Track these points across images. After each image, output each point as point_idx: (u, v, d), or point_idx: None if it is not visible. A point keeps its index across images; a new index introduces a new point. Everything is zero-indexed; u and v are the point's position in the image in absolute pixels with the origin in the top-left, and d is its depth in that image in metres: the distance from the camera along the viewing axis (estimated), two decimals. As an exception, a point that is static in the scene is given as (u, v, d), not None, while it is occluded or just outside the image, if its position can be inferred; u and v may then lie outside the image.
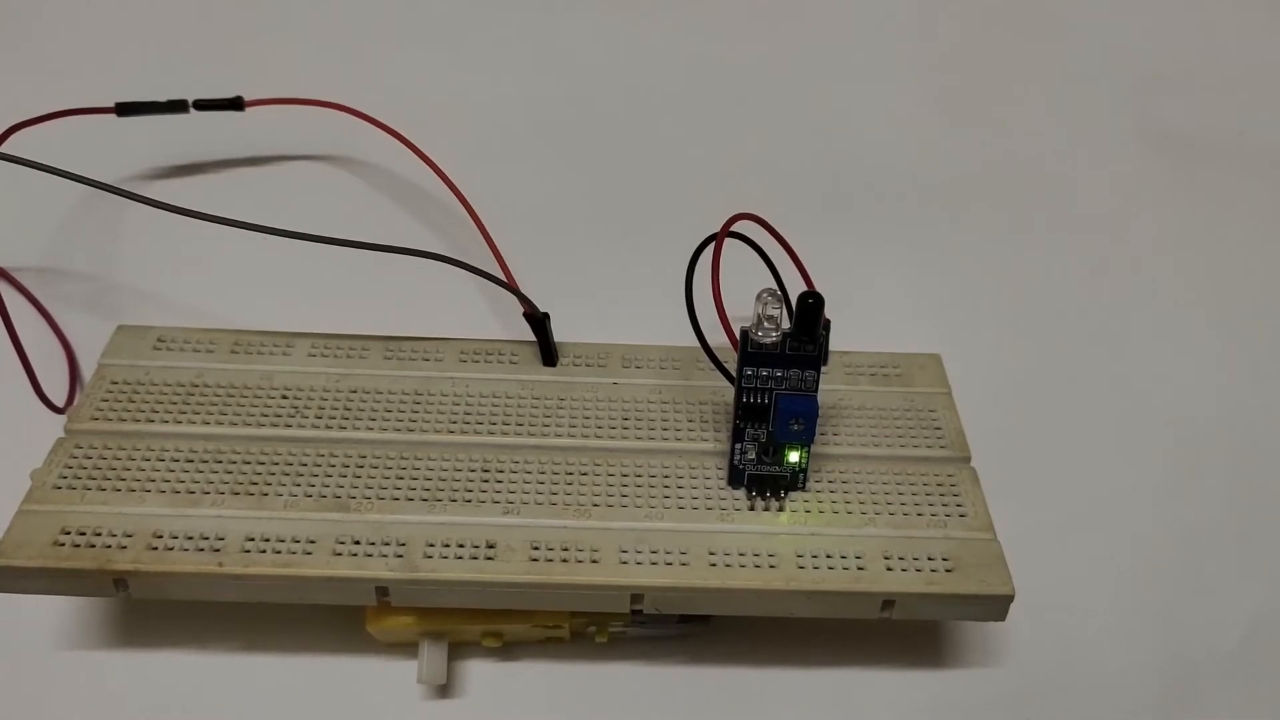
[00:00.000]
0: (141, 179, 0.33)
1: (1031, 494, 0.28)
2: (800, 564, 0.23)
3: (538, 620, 0.24)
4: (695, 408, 0.26)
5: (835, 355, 0.27)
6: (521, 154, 0.35)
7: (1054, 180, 0.35)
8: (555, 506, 0.23)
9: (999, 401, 0.29)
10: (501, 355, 0.27)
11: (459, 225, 0.30)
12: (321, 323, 0.27)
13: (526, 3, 0.39)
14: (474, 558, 0.22)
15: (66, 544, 0.22)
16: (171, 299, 0.31)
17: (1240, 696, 0.25)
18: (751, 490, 0.24)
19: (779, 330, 0.22)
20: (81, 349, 0.29)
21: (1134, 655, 0.26)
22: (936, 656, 0.25)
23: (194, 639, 0.25)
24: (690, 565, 0.22)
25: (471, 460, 0.24)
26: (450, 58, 0.37)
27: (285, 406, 0.25)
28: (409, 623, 0.24)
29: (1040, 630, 0.26)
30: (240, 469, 0.24)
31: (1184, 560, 0.27)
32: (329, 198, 0.33)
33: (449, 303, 0.30)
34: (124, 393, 0.25)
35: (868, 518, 0.24)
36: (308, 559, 0.22)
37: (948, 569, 0.23)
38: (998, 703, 0.25)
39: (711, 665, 0.25)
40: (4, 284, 0.30)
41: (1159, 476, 0.29)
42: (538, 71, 0.37)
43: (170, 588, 0.22)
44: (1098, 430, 0.29)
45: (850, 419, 0.26)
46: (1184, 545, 0.27)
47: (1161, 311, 0.32)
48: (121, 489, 0.23)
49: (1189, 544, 0.27)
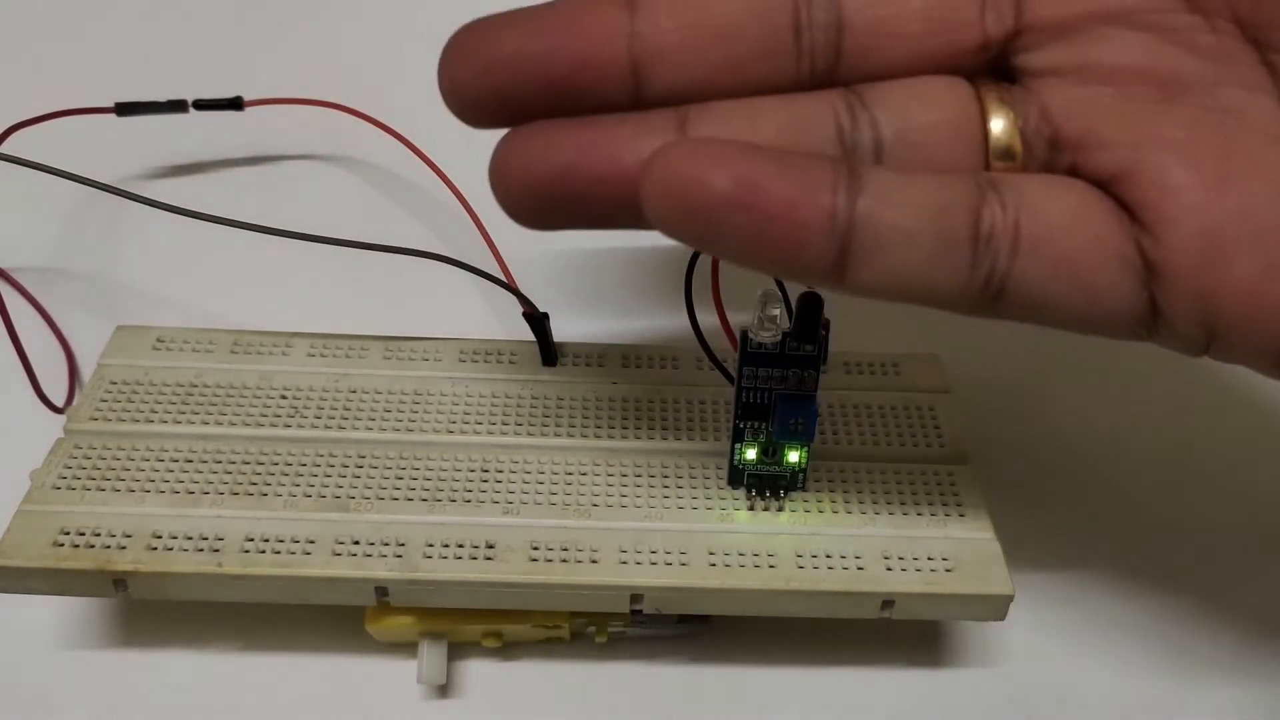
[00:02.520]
0: (141, 179, 0.33)
1: (1031, 494, 0.28)
2: (800, 564, 0.23)
3: (538, 620, 0.24)
4: (695, 408, 0.26)
5: (835, 355, 0.27)
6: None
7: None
8: (555, 506, 0.23)
9: (999, 401, 0.29)
10: (501, 355, 0.27)
11: (459, 225, 0.30)
12: (321, 323, 0.27)
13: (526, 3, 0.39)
14: (473, 558, 0.22)
15: (66, 544, 0.22)
16: (171, 299, 0.31)
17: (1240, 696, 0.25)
18: (751, 490, 0.24)
19: (779, 330, 0.22)
20: (81, 349, 0.29)
21: (1134, 655, 0.25)
22: (936, 656, 0.25)
23: (194, 639, 0.25)
24: (690, 565, 0.23)
25: (471, 460, 0.24)
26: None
27: (285, 406, 0.25)
28: (408, 623, 0.24)
29: (1040, 630, 0.26)
30: (240, 469, 0.24)
31: (1184, 560, 0.27)
32: (329, 198, 0.33)
33: (449, 303, 0.30)
34: (123, 393, 0.25)
35: (867, 518, 0.24)
36: (307, 559, 0.22)
37: (947, 569, 0.23)
38: (998, 703, 0.25)
39: (711, 665, 0.25)
40: (4, 284, 0.30)
41: (1159, 476, 0.29)
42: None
43: (170, 588, 0.22)
44: (1098, 430, 0.29)
45: (850, 419, 0.26)
46: (1184, 545, 0.27)
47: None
48: (121, 489, 0.23)
49: (1189, 544, 0.27)
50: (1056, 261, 0.17)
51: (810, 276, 0.17)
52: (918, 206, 0.17)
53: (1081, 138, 0.18)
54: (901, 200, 0.17)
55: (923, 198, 0.17)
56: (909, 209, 0.17)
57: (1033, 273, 0.17)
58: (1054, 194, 0.18)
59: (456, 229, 0.31)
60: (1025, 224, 0.17)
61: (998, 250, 0.17)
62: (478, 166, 0.30)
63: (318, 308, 0.29)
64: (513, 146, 0.18)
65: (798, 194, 0.16)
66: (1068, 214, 0.18)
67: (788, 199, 0.16)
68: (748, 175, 0.16)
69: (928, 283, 0.17)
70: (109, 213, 0.32)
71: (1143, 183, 0.18)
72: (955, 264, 0.17)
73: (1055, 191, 0.18)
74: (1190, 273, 0.17)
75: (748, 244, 0.16)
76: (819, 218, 0.16)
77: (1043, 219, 0.17)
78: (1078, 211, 0.18)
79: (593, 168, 0.18)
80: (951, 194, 0.17)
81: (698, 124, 0.18)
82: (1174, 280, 0.17)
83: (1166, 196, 0.17)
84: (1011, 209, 0.17)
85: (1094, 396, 0.30)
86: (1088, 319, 0.18)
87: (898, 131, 0.18)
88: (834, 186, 0.16)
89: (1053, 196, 0.18)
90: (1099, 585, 0.27)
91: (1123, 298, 0.18)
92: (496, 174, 0.19)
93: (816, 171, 0.17)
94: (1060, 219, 0.18)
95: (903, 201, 0.17)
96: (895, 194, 0.17)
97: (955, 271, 0.17)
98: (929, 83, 0.19)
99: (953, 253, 0.17)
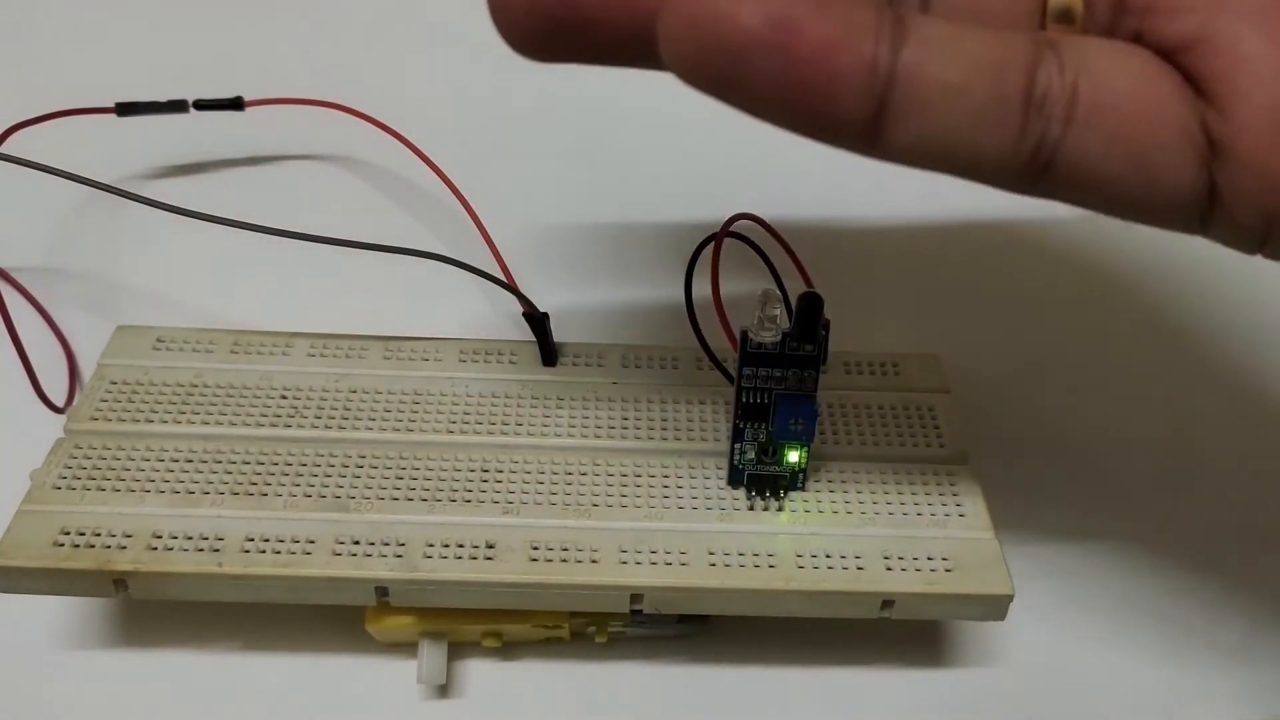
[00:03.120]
0: (141, 179, 0.33)
1: (1031, 494, 0.28)
2: (800, 564, 0.23)
3: (538, 620, 0.24)
4: (695, 408, 0.26)
5: (835, 355, 0.27)
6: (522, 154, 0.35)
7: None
8: (555, 506, 0.23)
9: (999, 401, 0.29)
10: (501, 355, 0.27)
11: (459, 225, 0.30)
12: (321, 323, 0.27)
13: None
14: (473, 558, 0.22)
15: (66, 544, 0.22)
16: (171, 299, 0.31)
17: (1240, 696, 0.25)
18: (751, 490, 0.24)
19: (779, 330, 0.22)
20: (81, 349, 0.29)
21: (1134, 655, 0.25)
22: (936, 656, 0.25)
23: (194, 639, 0.25)
24: (690, 565, 0.23)
25: (471, 460, 0.24)
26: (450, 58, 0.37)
27: (285, 406, 0.25)
28: (409, 623, 0.24)
29: (1040, 630, 0.26)
30: (240, 469, 0.24)
31: (1184, 559, 0.27)
32: (329, 198, 0.33)
33: (449, 303, 0.30)
34: (123, 393, 0.25)
35: (867, 517, 0.24)
36: (307, 559, 0.22)
37: (947, 569, 0.23)
38: (998, 703, 0.25)
39: (711, 665, 0.25)
40: (4, 284, 0.30)
41: (1158, 475, 0.29)
42: (538, 71, 0.37)
43: (170, 588, 0.22)
44: (1098, 429, 0.29)
45: (850, 419, 0.26)
46: (1184, 544, 0.27)
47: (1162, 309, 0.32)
48: (121, 489, 0.23)
49: (1189, 542, 0.27)
50: (1113, 132, 0.16)
51: (842, 134, 0.16)
52: (967, 61, 0.15)
53: (1150, 1, 0.17)
54: (950, 53, 0.15)
55: (973, 52, 0.16)
56: (958, 63, 0.15)
57: (1087, 143, 0.16)
58: (1116, 59, 0.16)
59: (456, 229, 0.31)
60: (1083, 89, 0.16)
61: (1051, 115, 0.16)
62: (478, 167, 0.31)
63: (318, 308, 0.29)
64: None
65: (837, 38, 0.15)
66: (1129, 81, 0.16)
67: (825, 42, 0.15)
68: (782, 11, 0.15)
69: (972, 147, 0.16)
70: (109, 213, 0.32)
71: (1213, 52, 0.16)
72: (1004, 127, 0.16)
73: (1117, 57, 0.16)
74: (1258, 153, 0.16)
75: (774, 92, 0.15)
76: (859, 66, 0.15)
77: (1102, 85, 0.16)
78: (1140, 80, 0.16)
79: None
80: (1005, 50, 0.16)
81: None
82: (1239, 160, 0.16)
83: (1238, 68, 0.16)
84: (1070, 71, 0.16)
85: (1094, 397, 0.30)
86: (1141, 200, 0.17)
87: None
88: (877, 32, 0.15)
89: (1114, 62, 0.16)
90: (1099, 585, 0.27)
91: (1182, 177, 0.16)
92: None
93: (859, 14, 0.15)
94: (1121, 86, 0.16)
95: (951, 54, 0.15)
96: (943, 46, 0.15)
97: (1003, 136, 0.16)
98: None
99: (1002, 114, 0.16)
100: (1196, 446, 0.29)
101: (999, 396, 0.29)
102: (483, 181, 0.30)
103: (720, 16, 0.15)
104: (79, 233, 0.32)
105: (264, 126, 0.33)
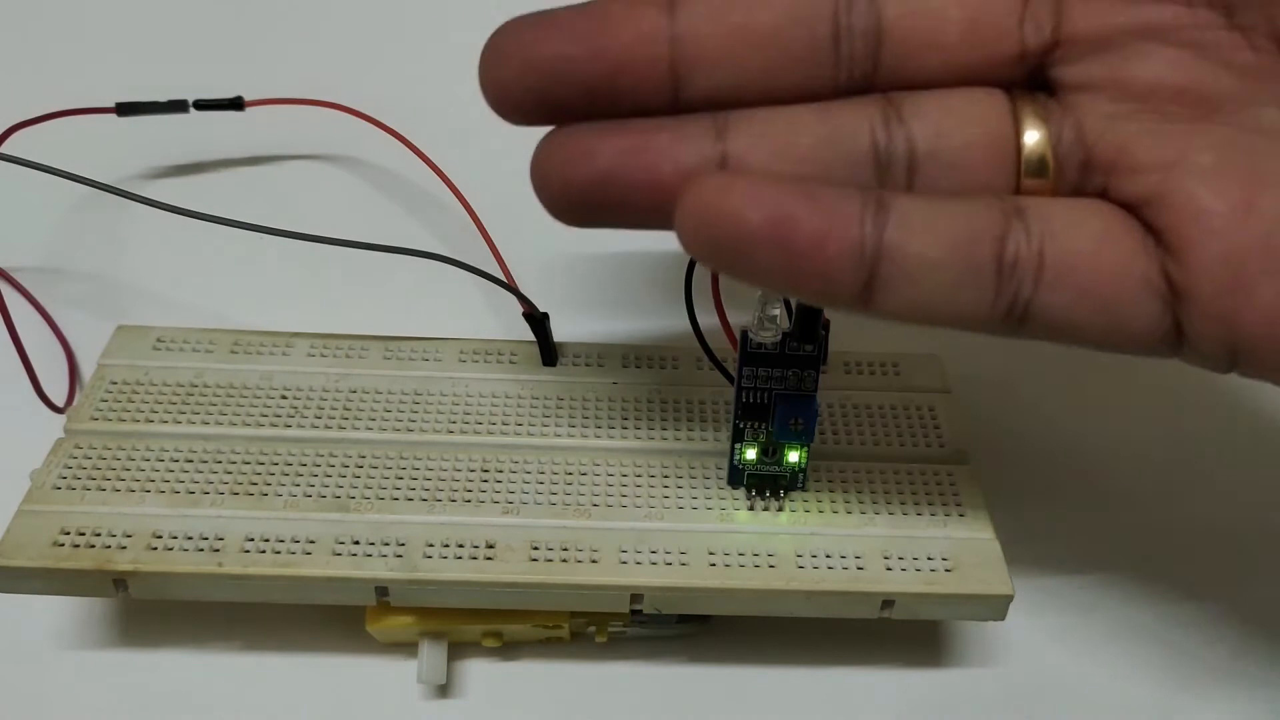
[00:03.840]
0: (141, 179, 0.33)
1: (1031, 494, 0.28)
2: (800, 564, 0.23)
3: (538, 620, 0.24)
4: (695, 408, 0.26)
5: (835, 355, 0.27)
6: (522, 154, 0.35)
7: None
8: (555, 506, 0.24)
9: (999, 402, 0.29)
10: (501, 355, 0.27)
11: (459, 225, 0.30)
12: (321, 323, 0.27)
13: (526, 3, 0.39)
14: (474, 558, 0.22)
15: (66, 544, 0.22)
16: (171, 299, 0.31)
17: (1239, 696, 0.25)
18: (751, 490, 0.24)
19: (779, 330, 0.22)
20: (81, 349, 0.29)
21: (1133, 655, 0.25)
22: (936, 656, 0.25)
23: (194, 639, 0.25)
24: (690, 565, 0.23)
25: (471, 460, 0.24)
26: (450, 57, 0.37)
27: (285, 406, 0.25)
28: (409, 623, 0.24)
29: (1040, 630, 0.26)
30: (240, 469, 0.24)
31: (1184, 560, 0.27)
32: (329, 198, 0.33)
33: (449, 303, 0.30)
34: (124, 393, 0.25)
35: (867, 517, 0.24)
36: (307, 559, 0.22)
37: (947, 569, 0.23)
38: (998, 703, 0.25)
39: (711, 665, 0.25)
40: (4, 284, 0.30)
41: (1159, 476, 0.29)
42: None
43: (170, 588, 0.22)
44: (1098, 430, 0.29)
45: (850, 419, 0.26)
46: (1184, 545, 0.27)
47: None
48: (121, 489, 0.23)
49: (1189, 543, 0.27)
50: (1079, 289, 0.18)
51: (838, 303, 0.18)
52: (943, 237, 0.17)
53: (1114, 161, 0.18)
54: (927, 230, 0.17)
55: (948, 228, 0.17)
56: (934, 239, 0.17)
57: (1056, 299, 0.18)
58: (1079, 221, 0.18)
59: (456, 229, 0.31)
60: (1049, 252, 0.18)
61: (1022, 278, 0.18)
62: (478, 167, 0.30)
63: (318, 308, 0.29)
64: (552, 149, 0.19)
65: (828, 228, 0.17)
66: (1092, 241, 0.18)
67: (818, 233, 0.17)
68: (779, 210, 0.17)
69: (953, 309, 0.18)
70: (109, 213, 0.32)
71: (1170, 208, 0.18)
72: (980, 292, 0.18)
73: (1080, 218, 0.18)
74: (1214, 297, 0.17)
75: (778, 274, 0.17)
76: (848, 250, 0.17)
77: (1066, 247, 0.18)
78: (1102, 238, 0.18)
79: (630, 176, 0.18)
80: (977, 223, 0.18)
81: (736, 135, 0.18)
82: (1198, 304, 0.18)
83: (1192, 222, 0.18)
84: (1036, 237, 0.18)
85: (1094, 397, 0.30)
86: (1112, 341, 0.18)
87: (932, 148, 0.19)
88: (862, 218, 0.17)
89: (1077, 223, 0.18)
90: (1099, 585, 0.27)
91: (1147, 321, 0.18)
92: (537, 175, 0.19)
93: (846, 204, 0.17)
94: (1084, 246, 0.18)
95: (928, 232, 0.17)
96: (921, 224, 0.17)
97: (980, 299, 0.18)
98: (965, 95, 0.19)
99: (977, 281, 0.18)
100: (1197, 447, 0.29)
101: (999, 396, 0.29)
102: (483, 182, 0.30)
103: (727, 215, 0.17)
104: (79, 233, 0.32)
105: (264, 126, 0.33)
